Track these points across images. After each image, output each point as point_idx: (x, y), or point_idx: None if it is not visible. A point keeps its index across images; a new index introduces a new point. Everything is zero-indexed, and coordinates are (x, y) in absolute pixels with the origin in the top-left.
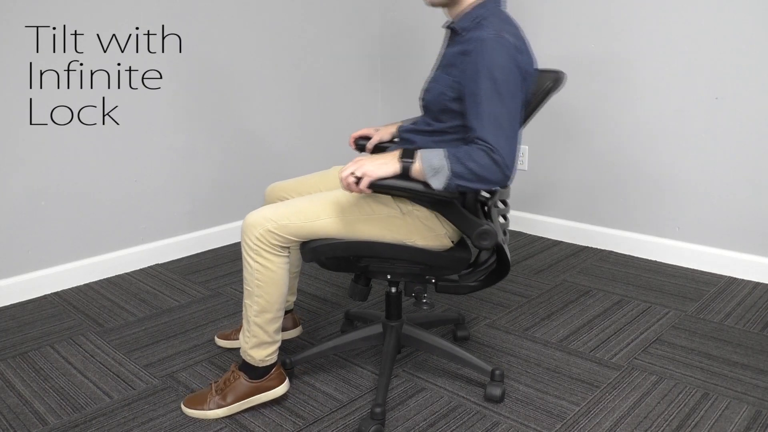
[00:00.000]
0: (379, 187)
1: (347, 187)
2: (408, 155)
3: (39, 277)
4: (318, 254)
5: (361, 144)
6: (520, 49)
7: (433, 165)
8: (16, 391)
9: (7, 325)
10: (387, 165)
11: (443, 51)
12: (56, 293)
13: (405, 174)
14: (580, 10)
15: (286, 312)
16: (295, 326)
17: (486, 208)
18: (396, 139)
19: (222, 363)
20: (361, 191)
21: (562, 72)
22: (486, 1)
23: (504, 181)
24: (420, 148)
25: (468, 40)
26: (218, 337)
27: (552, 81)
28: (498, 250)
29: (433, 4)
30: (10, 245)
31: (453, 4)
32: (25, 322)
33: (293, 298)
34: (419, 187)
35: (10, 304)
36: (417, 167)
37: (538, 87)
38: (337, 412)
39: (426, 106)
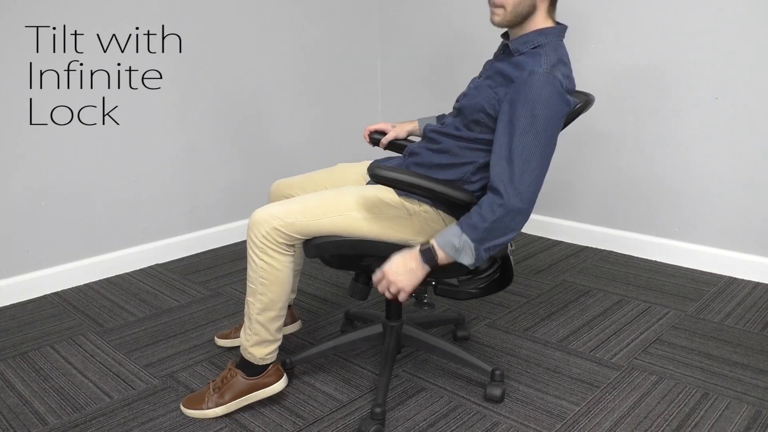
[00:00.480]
0: (379, 178)
1: (389, 298)
2: (428, 254)
3: (39, 277)
4: (322, 251)
5: (375, 138)
6: (570, 87)
7: (454, 246)
8: (16, 391)
9: (7, 325)
10: (416, 273)
11: (492, 62)
12: (56, 293)
13: (437, 266)
14: (580, 11)
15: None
16: (293, 321)
17: None
18: (410, 137)
19: (222, 363)
20: (404, 300)
21: (591, 95)
22: (548, 31)
23: (522, 219)
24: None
25: (519, 64)
26: (218, 338)
27: (583, 103)
28: (503, 260)
29: (500, 26)
30: (10, 245)
31: (518, 27)
32: (25, 322)
33: (293, 296)
34: (437, 187)
35: (10, 304)
36: (442, 257)
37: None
38: (337, 412)
39: (460, 110)
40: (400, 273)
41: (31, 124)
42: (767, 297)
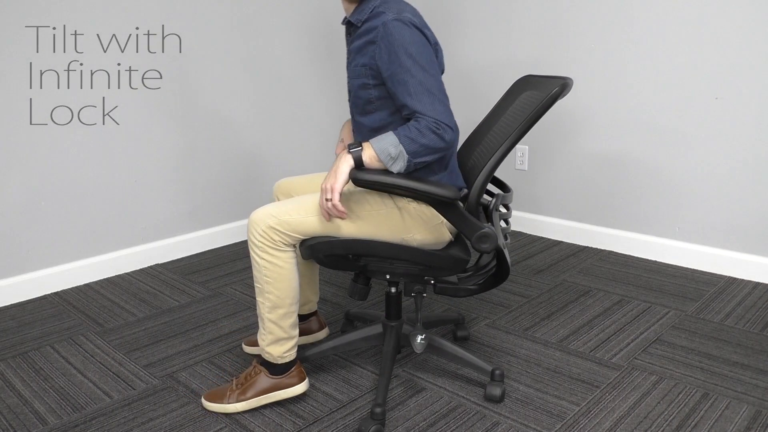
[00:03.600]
0: (363, 182)
1: (330, 214)
2: (354, 145)
3: (39, 277)
4: (315, 252)
5: None
6: (422, 24)
7: (390, 153)
8: (16, 391)
9: (7, 325)
10: (339, 167)
11: (348, 49)
12: (56, 293)
13: (359, 164)
14: (580, 12)
15: (311, 314)
16: (321, 328)
17: (488, 211)
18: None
19: (222, 363)
20: (340, 210)
21: (569, 79)
22: None
23: (452, 142)
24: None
25: (368, 30)
26: (245, 344)
27: (559, 86)
28: (498, 254)
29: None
30: (10, 245)
31: (351, 5)
32: (25, 322)
33: (316, 299)
34: (419, 186)
35: (10, 304)
36: (371, 155)
37: (544, 93)
38: (337, 412)
39: (354, 104)
40: (328, 178)
41: (31, 124)
42: (767, 297)
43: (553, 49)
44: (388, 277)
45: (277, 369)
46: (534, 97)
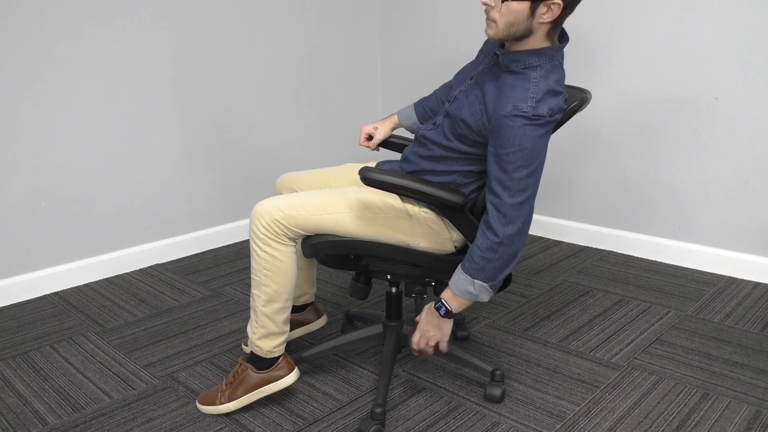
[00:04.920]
0: (372, 181)
1: (427, 354)
2: (441, 309)
3: (39, 277)
4: (318, 251)
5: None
6: (556, 116)
7: (471, 293)
8: (16, 391)
9: (7, 325)
10: (441, 325)
11: (480, 68)
12: (56, 293)
13: (452, 315)
14: (580, 12)
15: (308, 304)
16: (318, 316)
17: None
18: (395, 132)
19: (222, 363)
20: (444, 350)
21: (588, 92)
22: (543, 52)
23: (519, 245)
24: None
25: (505, 88)
26: (245, 344)
27: (579, 101)
28: None
29: (493, 40)
30: (10, 245)
31: (514, 44)
32: (25, 322)
33: (313, 290)
34: (427, 189)
35: (10, 304)
36: (458, 304)
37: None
38: (337, 412)
39: (449, 115)
40: (429, 330)
41: (30, 124)
42: (767, 297)
43: None
44: (389, 277)
45: (264, 363)
46: None
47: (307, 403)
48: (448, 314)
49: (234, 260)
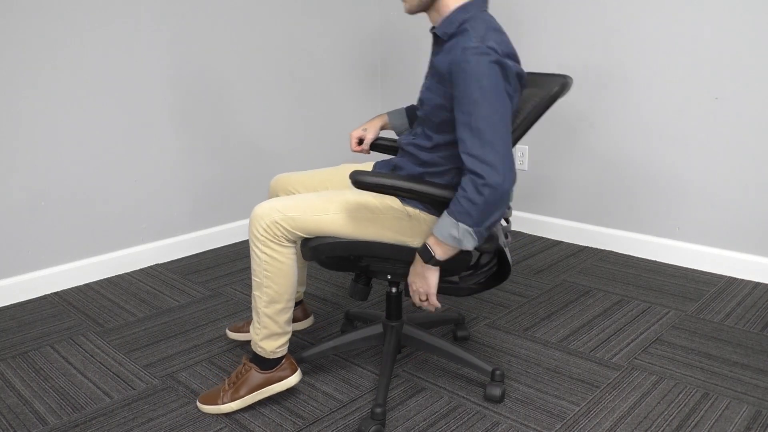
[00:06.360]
0: (364, 185)
1: (425, 308)
2: (426, 254)
3: (39, 277)
4: (318, 253)
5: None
6: (506, 53)
7: (455, 237)
8: (16, 391)
9: (7, 325)
10: (425, 275)
11: (431, 58)
12: (56, 293)
13: (438, 263)
14: (580, 12)
15: (297, 303)
16: (306, 317)
17: None
18: (384, 132)
19: (222, 363)
20: (435, 304)
21: (569, 77)
22: (468, 5)
23: (508, 189)
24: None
25: (453, 48)
26: (230, 330)
27: (559, 86)
28: (499, 253)
29: (411, 12)
30: (10, 245)
31: (432, 10)
32: (25, 322)
33: (303, 289)
34: (418, 187)
35: (10, 304)
36: (443, 251)
37: (544, 91)
38: (337, 412)
39: (425, 117)
40: (415, 280)
41: (30, 124)
42: (767, 297)
43: (553, 49)
44: (389, 277)
45: (267, 364)
46: (534, 95)
47: (307, 403)
48: (432, 261)
49: (234, 260)
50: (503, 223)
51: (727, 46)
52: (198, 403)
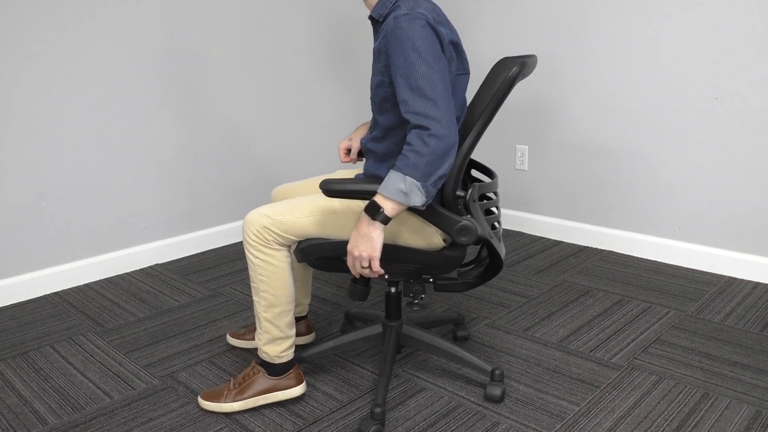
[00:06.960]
0: (335, 193)
1: (367, 275)
2: (373, 208)
3: (39, 277)
4: (307, 254)
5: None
6: (438, 20)
7: (402, 191)
8: (16, 391)
9: (7, 325)
10: (371, 235)
11: (373, 47)
12: (56, 293)
13: (388, 220)
14: (580, 10)
15: (300, 318)
16: (308, 332)
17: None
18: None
19: (222, 363)
20: (378, 271)
21: (533, 56)
22: None
23: (453, 143)
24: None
25: (387, 24)
26: (230, 335)
27: (519, 65)
28: (486, 244)
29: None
30: (10, 245)
31: None
32: (25, 322)
33: (307, 301)
34: (376, 188)
35: (10, 304)
36: (391, 206)
37: (505, 73)
38: (337, 412)
39: (372, 103)
40: (358, 244)
41: (31, 124)
42: (767, 297)
43: (553, 48)
44: (386, 277)
45: (275, 370)
46: (496, 77)
47: (307, 403)
48: (380, 216)
49: (234, 260)
50: (494, 211)
51: (727, 46)
52: (200, 399)
